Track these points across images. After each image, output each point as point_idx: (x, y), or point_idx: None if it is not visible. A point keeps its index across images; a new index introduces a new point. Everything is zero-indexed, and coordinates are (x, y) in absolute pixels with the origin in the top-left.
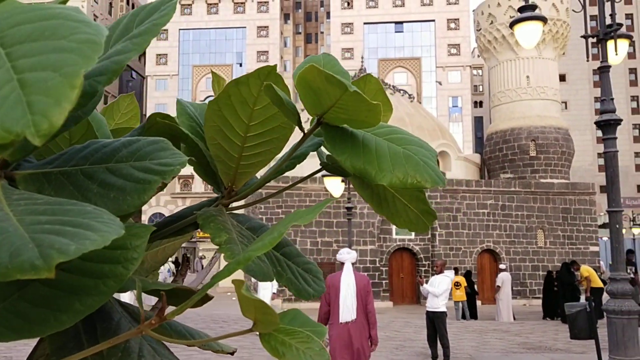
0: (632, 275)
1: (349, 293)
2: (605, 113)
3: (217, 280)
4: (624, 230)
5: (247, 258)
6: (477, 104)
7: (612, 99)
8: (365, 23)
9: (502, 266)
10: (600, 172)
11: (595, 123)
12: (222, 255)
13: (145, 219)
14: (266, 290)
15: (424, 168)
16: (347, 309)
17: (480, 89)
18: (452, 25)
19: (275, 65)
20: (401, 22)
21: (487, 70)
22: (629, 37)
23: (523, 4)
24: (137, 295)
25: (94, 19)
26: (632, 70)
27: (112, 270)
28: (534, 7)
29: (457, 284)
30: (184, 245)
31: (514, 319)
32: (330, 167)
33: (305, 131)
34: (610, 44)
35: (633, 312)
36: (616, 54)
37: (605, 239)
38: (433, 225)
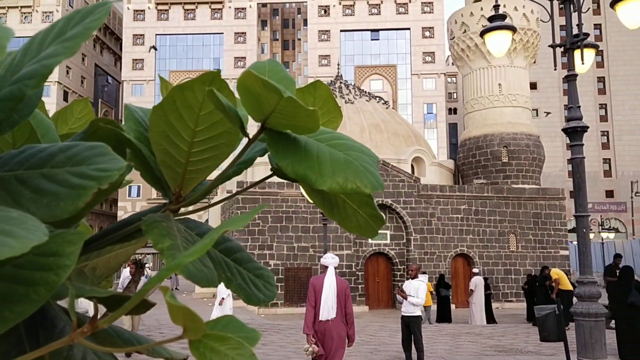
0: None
1: (330, 293)
2: (572, 120)
3: (148, 287)
4: (592, 235)
5: (178, 264)
6: (452, 111)
7: (579, 107)
8: (341, 30)
9: (475, 270)
10: (570, 177)
11: (563, 130)
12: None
13: None
14: (229, 297)
15: (363, 173)
16: (328, 308)
17: (455, 96)
18: (427, 33)
19: (219, 71)
20: (377, 30)
21: (461, 78)
22: (596, 47)
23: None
24: (69, 303)
25: None
26: (601, 79)
27: (44, 277)
28: (503, 17)
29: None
30: (152, 251)
31: (496, 322)
32: (281, 172)
33: (250, 137)
34: (577, 53)
35: (600, 315)
36: (582, 63)
37: (575, 243)
38: (408, 229)
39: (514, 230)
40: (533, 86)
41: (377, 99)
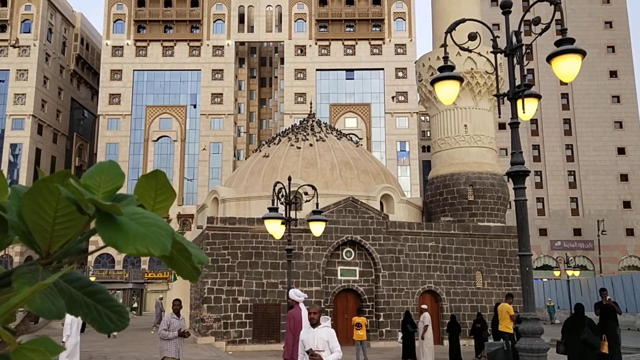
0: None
1: (307, 326)
2: (514, 165)
3: None
4: (557, 273)
5: (7, 306)
6: (425, 149)
7: (521, 152)
8: (317, 69)
9: (424, 306)
10: (538, 215)
11: (507, 174)
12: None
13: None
14: (71, 326)
15: (155, 242)
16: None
17: (428, 135)
18: (400, 74)
19: (69, 171)
20: (352, 70)
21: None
22: (538, 97)
23: (464, 58)
24: None
25: (46, 58)
26: (567, 121)
27: None
28: (452, 67)
29: (357, 325)
30: (123, 287)
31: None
32: None
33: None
34: (519, 102)
35: (542, 350)
36: (524, 112)
37: (545, 280)
38: (377, 266)
39: (480, 267)
40: (502, 126)
41: (349, 136)
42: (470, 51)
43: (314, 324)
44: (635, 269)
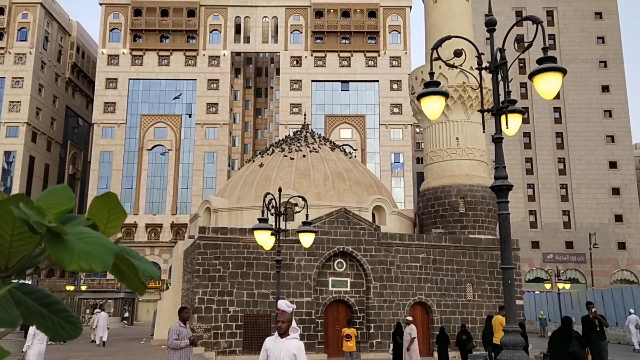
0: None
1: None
2: (498, 179)
3: None
4: (548, 286)
5: None
6: (420, 160)
7: (504, 167)
8: (313, 80)
9: (409, 318)
10: (531, 228)
11: (490, 188)
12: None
13: None
14: (34, 336)
15: (98, 260)
16: None
17: (423, 146)
18: (395, 86)
19: (24, 194)
20: (347, 81)
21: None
22: (522, 113)
23: (455, 72)
24: None
25: (42, 66)
26: (559, 134)
27: None
28: (437, 83)
29: (347, 336)
30: (114, 296)
31: None
32: None
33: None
34: (503, 118)
35: None
36: (507, 127)
37: (537, 292)
38: (368, 277)
39: (470, 279)
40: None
41: (342, 148)
42: (455, 67)
43: (282, 333)
44: (627, 283)
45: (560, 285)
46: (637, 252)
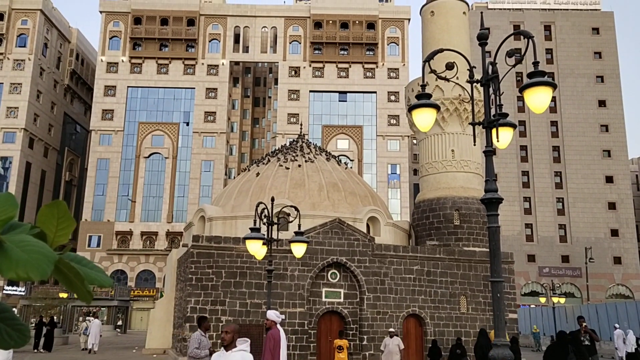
0: (587, 343)
1: (284, 348)
2: (488, 192)
3: None
4: (543, 300)
5: None
6: (416, 172)
7: (495, 180)
8: (311, 91)
9: (392, 330)
10: (527, 241)
11: (481, 200)
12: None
13: None
14: None
15: (36, 268)
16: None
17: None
18: (392, 97)
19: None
20: (345, 92)
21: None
22: (513, 126)
23: (451, 85)
24: None
25: (41, 73)
26: (555, 148)
27: None
28: (429, 95)
29: (339, 348)
30: (108, 304)
31: None
32: None
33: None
34: (494, 131)
35: None
36: (497, 141)
37: (533, 306)
38: (362, 288)
39: (464, 292)
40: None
41: (338, 158)
42: (448, 80)
43: (226, 345)
44: (622, 298)
45: (555, 300)
46: (633, 267)
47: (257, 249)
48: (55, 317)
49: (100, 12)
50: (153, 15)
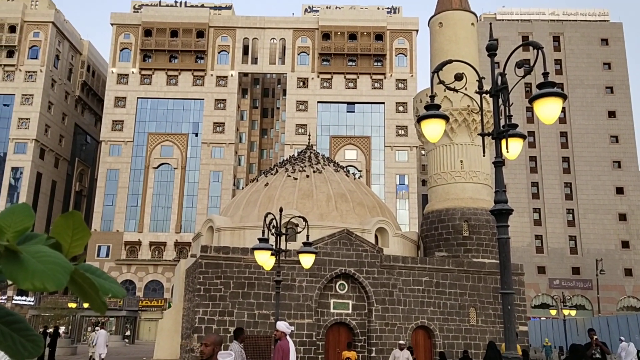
0: (598, 356)
1: (293, 359)
2: (498, 203)
3: None
4: (554, 312)
5: None
6: (425, 183)
7: (504, 191)
8: (319, 102)
9: (402, 342)
10: (537, 253)
11: (490, 211)
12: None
13: None
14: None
15: (52, 279)
16: None
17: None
18: (401, 108)
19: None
20: (353, 103)
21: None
22: (523, 137)
23: (460, 95)
24: None
25: (52, 84)
26: (565, 159)
27: None
28: (437, 106)
29: None
30: (116, 314)
31: None
32: None
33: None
34: (503, 142)
35: None
36: (507, 152)
37: (543, 318)
38: (370, 300)
39: (474, 304)
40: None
41: (345, 169)
42: (456, 90)
43: (206, 359)
44: (633, 310)
45: (565, 312)
46: None
47: (265, 260)
48: (59, 327)
49: (112, 24)
50: (163, 27)
